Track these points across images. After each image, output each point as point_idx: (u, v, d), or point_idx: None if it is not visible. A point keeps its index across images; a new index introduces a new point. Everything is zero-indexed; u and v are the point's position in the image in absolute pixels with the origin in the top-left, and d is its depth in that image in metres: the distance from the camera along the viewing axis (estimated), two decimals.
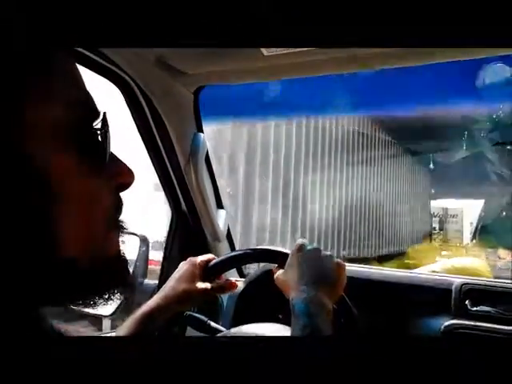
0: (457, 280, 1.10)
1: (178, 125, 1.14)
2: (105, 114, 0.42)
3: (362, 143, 5.98)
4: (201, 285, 0.81)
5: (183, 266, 0.85)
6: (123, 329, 0.77)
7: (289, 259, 0.74)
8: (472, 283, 1.08)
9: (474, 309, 1.02)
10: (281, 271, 0.76)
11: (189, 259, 0.87)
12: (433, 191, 9.92)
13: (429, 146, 7.54)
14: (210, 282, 0.83)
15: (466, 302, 1.02)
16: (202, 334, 0.93)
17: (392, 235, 7.93)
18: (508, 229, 10.73)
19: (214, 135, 3.48)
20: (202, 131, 1.21)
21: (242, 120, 3.83)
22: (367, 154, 6.19)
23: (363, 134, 6.00)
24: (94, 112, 0.41)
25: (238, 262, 0.91)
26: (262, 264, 1.15)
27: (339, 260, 0.74)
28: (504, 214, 11.10)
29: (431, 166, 8.01)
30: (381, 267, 1.58)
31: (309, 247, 0.74)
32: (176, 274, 0.84)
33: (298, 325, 0.61)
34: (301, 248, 0.74)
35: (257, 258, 0.91)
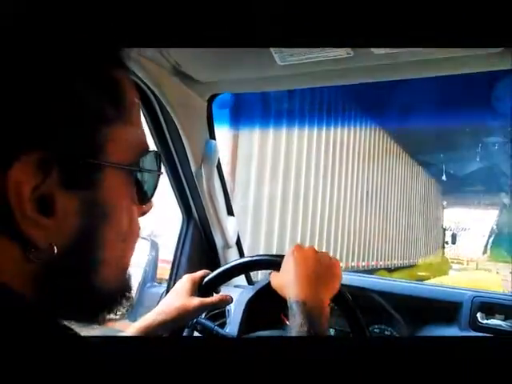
0: (468, 293, 1.09)
1: (192, 132, 1.16)
2: (160, 155, 0.46)
3: (374, 154, 5.96)
4: (195, 301, 0.82)
5: (180, 282, 0.87)
6: None
7: (284, 261, 0.75)
8: (483, 296, 1.07)
9: (485, 322, 1.01)
10: (276, 273, 0.76)
11: (185, 275, 0.88)
12: (445, 203, 9.82)
13: (441, 157, 7.47)
14: (206, 297, 0.84)
15: (477, 314, 1.02)
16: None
17: (404, 247, 7.85)
18: None
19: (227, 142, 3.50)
20: (215, 138, 1.22)
21: (253, 127, 3.85)
22: (380, 165, 6.17)
23: (376, 144, 5.98)
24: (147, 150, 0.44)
25: (232, 273, 0.89)
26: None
27: (334, 257, 0.75)
28: None
29: (443, 177, 7.93)
30: (391, 278, 1.57)
31: (302, 247, 0.75)
32: (173, 291, 0.86)
33: (295, 324, 0.62)
34: (295, 249, 0.74)
35: (252, 267, 0.91)
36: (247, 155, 3.90)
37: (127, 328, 0.81)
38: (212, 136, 1.22)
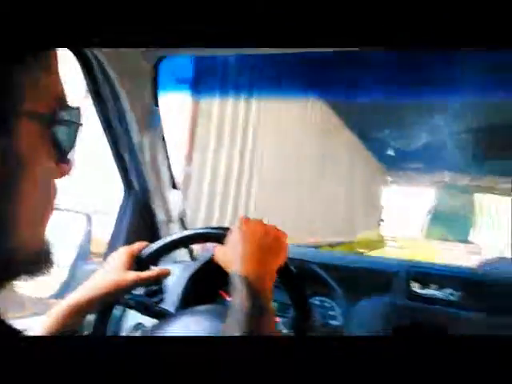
0: (404, 263, 1.16)
1: (135, 97, 1.10)
2: (79, 108, 0.44)
3: (318, 128, 6.00)
4: (130, 275, 0.78)
5: (114, 255, 0.82)
6: (46, 321, 0.72)
7: (229, 234, 0.73)
8: (418, 266, 1.14)
9: (420, 291, 1.07)
10: (220, 246, 0.75)
11: (121, 248, 0.84)
12: (389, 179, 10.15)
13: (387, 133, 7.59)
14: (143, 271, 0.80)
15: (412, 284, 1.08)
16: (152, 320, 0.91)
17: (344, 224, 8.13)
18: (459, 220, 11.38)
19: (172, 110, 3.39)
20: (159, 105, 1.17)
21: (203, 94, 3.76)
22: (322, 140, 6.25)
23: (320, 118, 6.04)
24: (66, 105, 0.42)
25: (173, 246, 0.85)
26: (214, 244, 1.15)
27: (281, 230, 0.74)
28: (456, 204, 11.73)
29: (390, 152, 8.13)
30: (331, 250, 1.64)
31: (249, 219, 0.74)
32: (106, 264, 0.81)
33: (238, 300, 0.61)
34: (243, 221, 0.73)
35: (195, 239, 0.88)
36: (206, 126, 3.82)
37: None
38: (157, 103, 1.17)
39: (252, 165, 4.61)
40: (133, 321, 1.08)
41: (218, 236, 0.78)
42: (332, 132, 6.57)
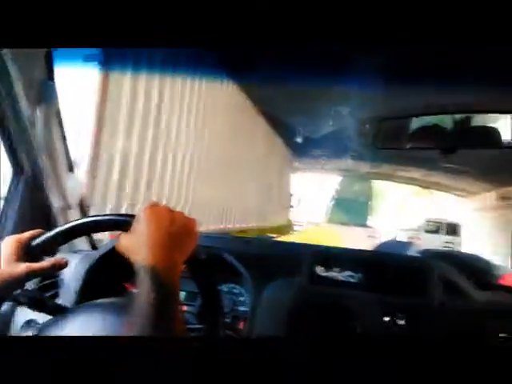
0: (309, 247, 1.21)
1: (24, 68, 0.98)
2: None
3: (231, 112, 5.97)
4: (20, 266, 0.70)
5: (1, 245, 0.73)
6: None
7: (134, 222, 0.69)
8: (322, 250, 1.20)
9: (323, 274, 1.13)
10: (124, 235, 0.70)
11: (9, 237, 0.75)
12: (296, 164, 10.50)
13: (296, 119, 7.70)
14: (36, 262, 0.73)
15: (316, 268, 1.13)
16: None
17: (254, 210, 8.29)
18: (359, 206, 12.29)
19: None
20: (54, 79, 1.06)
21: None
22: (234, 124, 6.25)
23: (233, 103, 6.02)
24: None
25: (70, 235, 0.77)
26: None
27: (189, 216, 0.71)
28: (356, 190, 12.62)
29: (298, 139, 8.34)
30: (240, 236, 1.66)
31: (156, 206, 0.69)
32: None
33: (143, 291, 0.58)
34: (148, 207, 0.69)
35: (95, 227, 0.80)
36: (116, 104, 3.57)
37: None
38: (52, 77, 1.06)
39: (166, 148, 4.47)
40: (24, 317, 0.98)
41: (121, 223, 0.71)
42: (244, 117, 6.59)
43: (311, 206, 13.78)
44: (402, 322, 0.99)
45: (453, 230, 12.40)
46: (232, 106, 6.05)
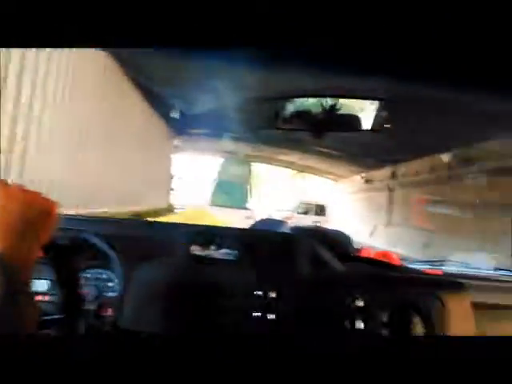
0: (185, 228, 1.19)
1: None
2: None
3: (96, 82, 5.56)
4: None
5: None
6: None
7: None
8: (198, 230, 1.19)
9: (200, 253, 1.12)
10: None
11: None
12: (176, 143, 10.24)
13: (174, 93, 7.40)
14: None
15: (192, 247, 1.11)
16: None
17: (131, 192, 7.97)
18: (239, 188, 12.62)
19: None
20: None
21: None
22: (99, 95, 5.86)
23: (109, 76, 5.63)
24: None
25: None
26: None
27: (49, 198, 0.65)
28: (237, 173, 12.90)
29: (175, 115, 8.05)
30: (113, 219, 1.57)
31: (9, 185, 0.62)
32: None
33: None
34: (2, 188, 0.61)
35: None
36: None
37: None
38: None
39: (29, 122, 3.99)
40: None
41: None
42: (117, 90, 6.21)
43: (192, 188, 13.76)
44: (273, 295, 1.03)
45: (321, 210, 13.69)
46: (105, 78, 5.66)
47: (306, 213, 13.45)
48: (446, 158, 9.05)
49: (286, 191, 18.57)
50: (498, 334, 1.02)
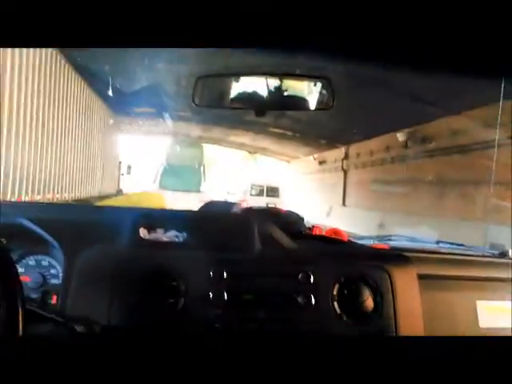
0: (130, 211, 1.15)
1: None
2: None
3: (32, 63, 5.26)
4: None
5: None
6: None
7: None
8: (145, 213, 1.16)
9: (147, 237, 1.09)
10: None
11: None
12: (112, 122, 9.85)
13: (112, 71, 7.09)
14: None
15: (140, 230, 1.08)
16: None
17: (81, 179, 7.70)
18: (190, 171, 12.43)
19: None
20: None
21: None
22: (55, 83, 5.61)
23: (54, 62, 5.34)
24: None
25: None
26: None
27: None
28: (187, 155, 12.68)
29: (109, 92, 7.71)
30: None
31: None
32: None
33: None
34: None
35: None
36: None
37: None
38: None
39: None
40: None
41: None
42: (61, 73, 5.92)
43: (142, 172, 13.43)
44: (225, 275, 1.03)
45: (274, 192, 13.80)
46: (40, 58, 5.35)
47: (259, 195, 13.51)
48: (400, 137, 9.30)
49: (239, 173, 18.56)
50: (442, 302, 1.08)
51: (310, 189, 16.39)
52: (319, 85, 1.17)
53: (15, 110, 4.70)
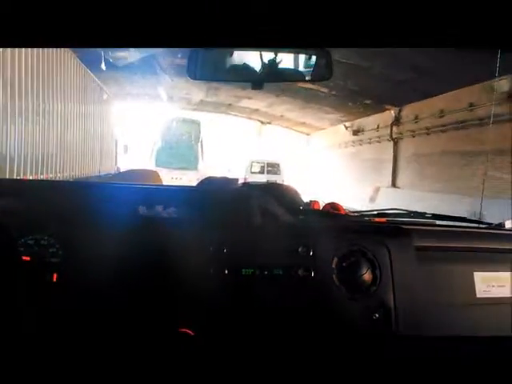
0: (130, 189, 1.17)
1: None
2: None
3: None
4: None
5: None
6: None
7: None
8: (144, 190, 1.17)
9: (147, 214, 1.11)
10: None
11: None
12: (105, 97, 9.69)
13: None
14: None
15: (140, 208, 1.10)
16: None
17: (84, 158, 7.73)
18: (186, 148, 12.30)
19: None
20: None
21: None
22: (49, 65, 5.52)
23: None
24: None
25: None
26: None
27: None
28: (185, 132, 12.52)
29: (103, 66, 7.60)
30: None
31: None
32: None
33: None
34: None
35: None
36: None
37: None
38: None
39: None
40: None
41: None
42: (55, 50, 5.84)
43: (139, 151, 13.35)
44: (225, 251, 1.05)
45: (274, 169, 13.58)
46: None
47: (260, 172, 13.35)
48: (499, 86, 6.55)
49: (244, 149, 18.12)
50: (439, 274, 1.11)
51: (338, 167, 14.02)
52: (316, 56, 1.17)
53: (17, 91, 4.66)
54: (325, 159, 15.48)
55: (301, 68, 1.22)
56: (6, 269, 0.77)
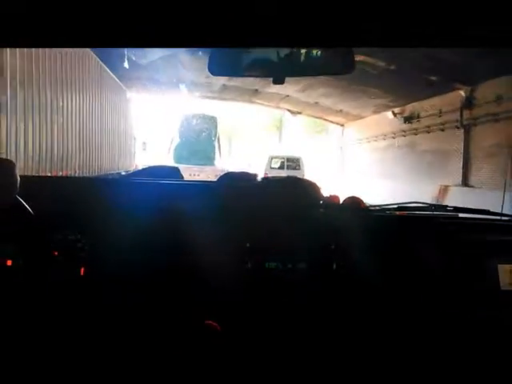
0: (155, 183, 1.20)
1: None
2: None
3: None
4: None
5: None
6: None
7: None
8: (169, 186, 1.21)
9: (168, 208, 1.15)
10: None
11: None
12: (126, 95, 9.69)
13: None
14: None
15: (164, 202, 1.14)
16: None
17: (101, 156, 7.88)
18: (203, 145, 12.34)
19: None
20: None
21: None
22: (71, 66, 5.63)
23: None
24: None
25: None
26: None
27: (5, 158, 0.66)
28: (203, 129, 12.54)
29: (125, 65, 7.69)
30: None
31: None
32: None
33: None
34: None
35: None
36: None
37: None
38: None
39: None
40: None
41: None
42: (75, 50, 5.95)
43: (157, 148, 13.48)
44: (248, 245, 1.08)
45: (294, 164, 13.37)
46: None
47: (280, 168, 13.19)
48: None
49: (265, 144, 17.86)
50: (463, 266, 1.11)
51: (382, 161, 11.80)
52: (338, 50, 1.17)
53: (34, 91, 4.77)
54: (363, 153, 13.65)
55: (322, 61, 1.23)
56: (38, 263, 0.81)
